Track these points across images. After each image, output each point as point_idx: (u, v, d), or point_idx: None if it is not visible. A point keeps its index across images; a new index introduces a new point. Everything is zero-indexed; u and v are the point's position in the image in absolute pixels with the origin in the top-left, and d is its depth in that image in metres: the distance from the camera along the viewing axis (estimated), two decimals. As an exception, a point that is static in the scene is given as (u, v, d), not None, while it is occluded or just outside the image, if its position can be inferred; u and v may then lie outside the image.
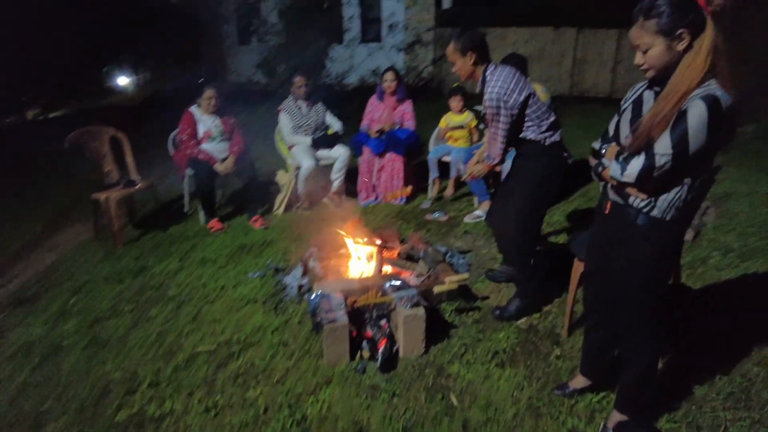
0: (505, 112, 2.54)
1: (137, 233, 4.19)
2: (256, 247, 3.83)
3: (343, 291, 2.68)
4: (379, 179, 4.74)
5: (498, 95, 2.49)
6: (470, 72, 2.62)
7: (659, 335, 1.87)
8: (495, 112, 2.54)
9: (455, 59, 2.61)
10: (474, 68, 2.60)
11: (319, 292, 2.65)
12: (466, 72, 2.63)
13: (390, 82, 4.68)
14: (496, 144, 2.65)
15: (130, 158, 4.28)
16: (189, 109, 4.28)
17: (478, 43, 2.57)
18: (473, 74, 2.63)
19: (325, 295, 2.63)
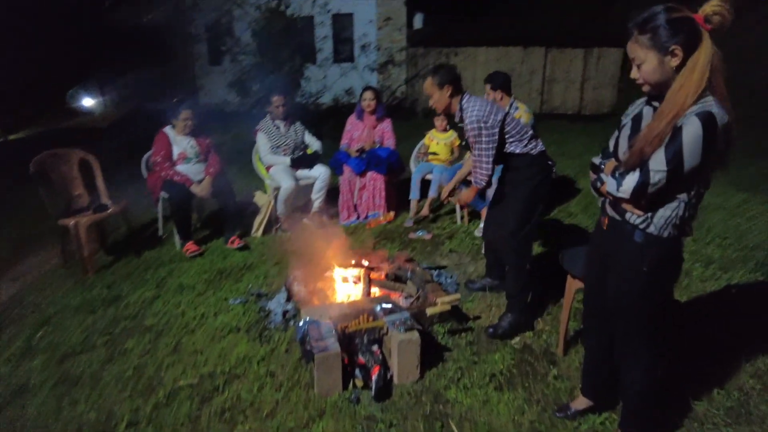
0: (486, 133, 2.65)
1: (109, 260, 3.98)
2: (235, 272, 3.68)
3: (332, 317, 2.57)
4: (360, 198, 4.67)
5: (478, 117, 2.64)
6: (447, 104, 2.78)
7: (658, 347, 1.84)
8: (477, 134, 2.66)
9: (433, 92, 2.77)
10: (450, 100, 2.76)
11: (307, 319, 2.53)
12: (443, 104, 2.78)
13: (369, 101, 4.65)
14: (481, 167, 2.72)
15: (101, 181, 4.08)
16: (163, 130, 4.13)
17: (453, 77, 2.74)
18: (450, 106, 2.79)
19: (314, 322, 2.52)
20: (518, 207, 2.77)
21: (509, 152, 2.76)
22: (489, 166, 2.70)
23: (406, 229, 4.51)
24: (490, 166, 2.70)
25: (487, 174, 2.71)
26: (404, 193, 4.87)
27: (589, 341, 2.10)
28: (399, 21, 11.57)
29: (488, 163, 2.70)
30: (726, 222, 4.31)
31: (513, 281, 2.84)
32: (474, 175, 2.76)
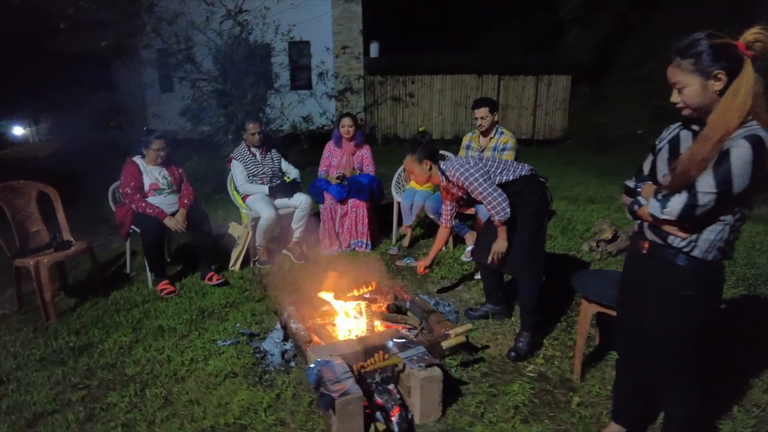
0: (477, 175, 2.75)
1: (72, 302, 3.61)
2: (218, 311, 3.42)
3: (343, 356, 2.40)
4: (342, 226, 4.53)
5: (465, 169, 2.78)
6: (428, 176, 3.02)
7: (699, 382, 1.82)
8: (471, 180, 2.75)
9: (413, 168, 3.01)
10: (430, 172, 3.00)
11: (318, 360, 2.35)
12: (424, 176, 3.02)
13: (348, 127, 4.57)
14: (497, 203, 2.73)
15: (62, 216, 3.73)
16: (132, 159, 3.85)
17: (429, 152, 3.00)
18: (431, 177, 3.03)
19: (326, 363, 2.34)
20: (528, 226, 2.82)
21: (504, 182, 2.82)
22: (501, 197, 2.72)
23: (392, 256, 4.40)
24: (503, 197, 2.72)
25: (506, 205, 2.72)
26: (385, 221, 4.79)
27: (623, 368, 2.06)
28: (356, 49, 11.67)
29: (499, 195, 2.72)
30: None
31: (527, 297, 2.83)
32: (494, 214, 2.74)
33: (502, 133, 4.05)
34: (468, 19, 14.34)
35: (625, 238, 4.29)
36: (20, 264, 3.33)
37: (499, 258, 2.86)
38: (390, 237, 4.80)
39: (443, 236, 3.27)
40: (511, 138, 4.02)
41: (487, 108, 3.99)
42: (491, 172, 2.78)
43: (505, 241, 2.83)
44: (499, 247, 2.84)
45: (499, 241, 2.84)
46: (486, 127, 4.02)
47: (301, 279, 3.90)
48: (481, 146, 4.13)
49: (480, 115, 4.00)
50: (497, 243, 2.85)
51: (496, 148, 4.03)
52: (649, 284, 1.77)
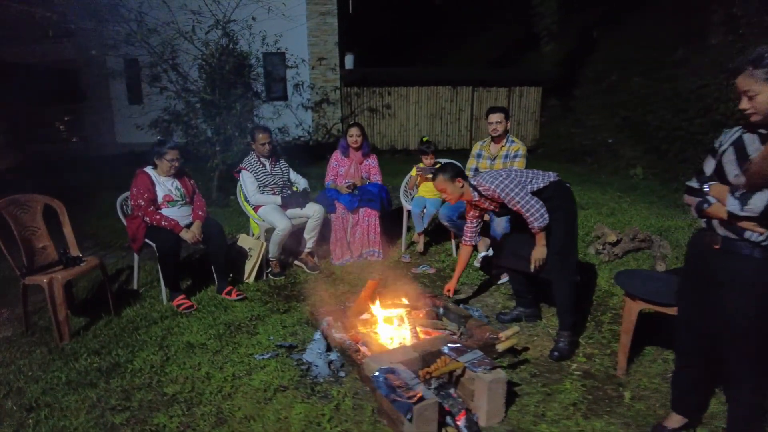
0: (514, 187, 2.82)
1: (82, 321, 3.41)
2: (245, 324, 3.32)
3: (402, 363, 2.39)
4: (353, 236, 4.50)
5: (500, 181, 2.85)
6: (461, 193, 3.05)
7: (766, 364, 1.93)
8: (511, 193, 2.81)
9: (446, 187, 3.03)
10: (462, 190, 3.04)
11: (382, 368, 2.33)
12: (457, 195, 3.05)
13: (356, 137, 4.58)
14: (534, 210, 2.80)
15: (69, 230, 3.53)
16: (144, 170, 3.71)
17: (459, 170, 3.08)
18: (463, 194, 3.06)
19: (390, 370, 2.32)
20: (560, 229, 2.89)
21: (536, 190, 2.90)
22: (539, 204, 2.80)
23: (405, 264, 4.41)
24: (540, 203, 2.80)
25: (544, 211, 2.79)
26: (393, 229, 4.81)
27: (684, 361, 2.15)
28: (332, 61, 11.69)
29: (537, 202, 2.80)
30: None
31: (564, 298, 2.90)
32: (534, 221, 2.80)
33: (513, 141, 4.17)
34: (438, 34, 14.66)
35: (627, 240, 4.49)
36: (31, 282, 3.13)
37: (540, 264, 2.92)
38: (398, 245, 4.81)
39: (467, 255, 3.33)
40: (521, 146, 4.13)
41: (502, 114, 4.11)
42: (524, 182, 2.86)
43: (544, 248, 2.89)
44: (540, 254, 2.89)
45: (539, 248, 2.90)
46: (500, 132, 4.13)
47: (322, 289, 3.85)
48: (492, 154, 4.23)
49: (495, 120, 4.10)
50: (537, 250, 2.90)
51: (508, 156, 4.14)
52: (724, 278, 1.86)
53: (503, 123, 4.10)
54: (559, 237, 2.88)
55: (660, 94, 9.92)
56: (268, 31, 8.42)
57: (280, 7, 7.98)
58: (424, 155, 4.58)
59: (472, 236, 3.26)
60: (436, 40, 14.39)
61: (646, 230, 4.70)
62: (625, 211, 5.66)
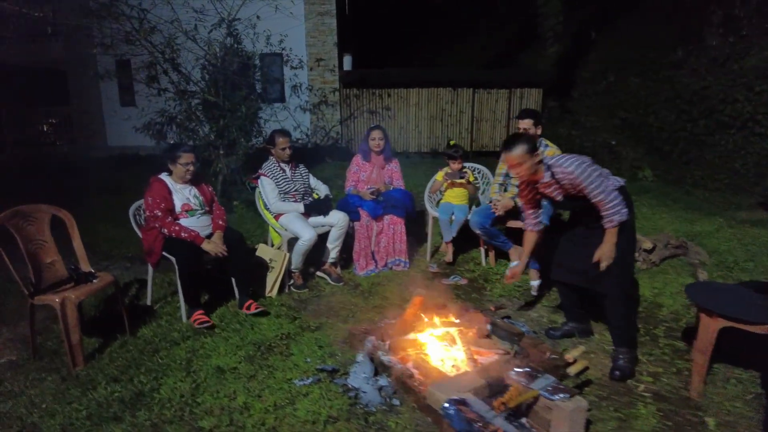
0: (593, 172, 2.58)
1: (94, 343, 3.11)
2: (276, 344, 3.06)
3: (474, 391, 2.17)
4: (377, 245, 4.26)
5: (579, 163, 2.58)
6: (535, 170, 2.71)
7: None
8: (589, 178, 2.55)
9: (523, 161, 2.66)
10: (538, 167, 2.71)
11: (451, 399, 2.10)
12: (530, 170, 2.70)
13: (378, 140, 4.35)
14: (611, 201, 2.56)
15: (79, 244, 3.24)
16: (159, 177, 3.43)
17: (534, 141, 2.71)
18: (537, 172, 2.73)
19: (460, 401, 2.09)
20: (625, 238, 2.66)
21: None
22: (619, 197, 2.57)
23: (434, 274, 4.19)
24: (619, 197, 2.57)
25: (623, 206, 2.57)
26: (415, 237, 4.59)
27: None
28: (330, 62, 11.44)
29: (617, 195, 2.57)
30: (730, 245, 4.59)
31: (620, 314, 2.71)
32: (612, 214, 2.56)
33: (548, 145, 3.98)
34: (433, 34, 14.51)
35: (662, 247, 4.33)
36: (41, 302, 2.82)
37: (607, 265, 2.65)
38: (420, 253, 4.59)
39: (533, 239, 3.06)
40: (557, 150, 3.94)
41: (531, 120, 3.92)
42: (604, 173, 2.63)
43: (614, 246, 2.62)
44: (609, 253, 2.61)
45: (609, 246, 2.61)
46: None
47: (352, 304, 3.62)
48: None
49: (523, 126, 3.93)
50: (607, 248, 2.61)
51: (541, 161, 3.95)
52: None
53: (532, 129, 3.92)
54: (621, 246, 2.66)
55: (661, 95, 9.86)
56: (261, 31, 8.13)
57: (288, 6, 7.68)
58: (452, 160, 4.36)
59: (536, 222, 3.02)
60: (432, 40, 14.24)
61: (677, 236, 4.56)
62: (648, 217, 5.52)
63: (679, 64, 9.84)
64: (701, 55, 9.77)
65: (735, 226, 5.15)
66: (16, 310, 3.63)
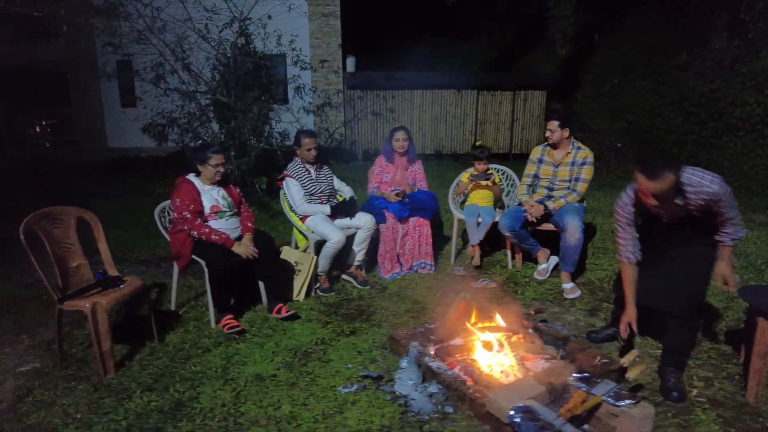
0: (729, 189, 2.28)
1: (121, 350, 3.00)
2: (313, 350, 2.97)
3: (536, 398, 2.09)
4: (403, 247, 4.19)
5: (719, 181, 2.24)
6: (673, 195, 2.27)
7: None
8: (727, 197, 2.27)
9: (665, 192, 2.19)
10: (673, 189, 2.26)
11: (517, 406, 2.02)
12: (666, 201, 2.27)
13: (402, 141, 4.29)
14: (739, 220, 2.41)
15: (105, 247, 3.13)
16: (187, 178, 3.33)
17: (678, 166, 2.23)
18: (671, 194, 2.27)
19: (526, 409, 2.02)
20: (709, 262, 2.50)
21: None
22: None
23: (461, 277, 4.12)
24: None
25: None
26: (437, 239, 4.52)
27: None
28: (334, 63, 11.36)
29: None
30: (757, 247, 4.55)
31: (684, 338, 2.57)
32: (736, 231, 2.41)
33: (580, 148, 3.94)
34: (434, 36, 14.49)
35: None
36: (71, 308, 2.71)
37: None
38: (443, 256, 4.52)
39: (634, 275, 2.57)
40: (589, 153, 3.90)
41: (557, 122, 3.89)
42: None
43: (730, 265, 2.50)
44: (728, 270, 2.48)
45: (726, 263, 2.48)
46: (554, 140, 3.92)
47: (383, 308, 3.54)
48: (556, 160, 3.99)
49: (550, 128, 3.91)
50: (725, 266, 2.48)
51: (575, 163, 3.91)
52: None
53: (558, 132, 3.89)
54: (705, 271, 2.49)
55: (667, 97, 9.89)
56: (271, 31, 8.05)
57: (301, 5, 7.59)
58: (478, 161, 4.30)
59: (635, 250, 2.53)
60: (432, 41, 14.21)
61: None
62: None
63: (684, 67, 9.87)
64: (706, 58, 9.82)
65: (755, 228, 5.12)
66: (34, 316, 3.52)
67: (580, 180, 3.86)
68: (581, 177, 3.85)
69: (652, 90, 10.34)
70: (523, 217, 3.90)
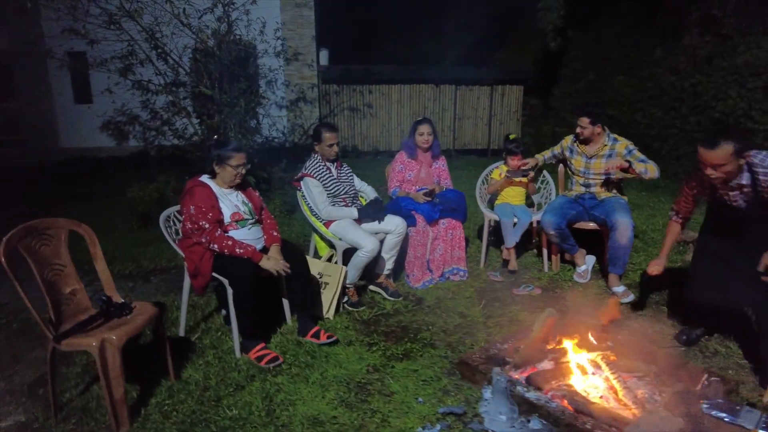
0: None
1: (130, 393, 2.44)
2: (369, 381, 2.52)
3: None
4: (433, 253, 3.79)
5: None
6: (734, 174, 2.31)
7: None
8: None
9: (728, 162, 2.25)
10: (739, 169, 2.32)
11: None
12: (731, 174, 2.30)
13: (427, 135, 3.88)
14: None
15: (104, 267, 2.55)
16: (201, 181, 2.79)
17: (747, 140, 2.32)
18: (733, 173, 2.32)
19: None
20: None
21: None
22: None
23: (500, 284, 3.77)
24: None
25: None
26: (468, 242, 4.15)
27: None
28: (308, 57, 10.79)
29: None
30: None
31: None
32: None
33: (616, 139, 3.66)
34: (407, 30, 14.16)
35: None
36: (71, 347, 2.15)
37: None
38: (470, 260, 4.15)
39: (675, 231, 2.86)
40: (628, 142, 3.62)
41: (588, 119, 3.61)
42: None
43: None
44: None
45: None
46: (585, 136, 3.64)
47: (429, 323, 3.13)
48: (589, 153, 3.70)
49: (580, 124, 3.66)
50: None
51: (611, 155, 3.62)
52: None
53: (589, 128, 3.60)
54: None
55: (646, 92, 9.98)
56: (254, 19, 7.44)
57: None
58: (512, 155, 3.96)
59: (687, 217, 2.80)
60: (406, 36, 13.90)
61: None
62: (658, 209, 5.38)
63: (659, 63, 10.00)
64: (680, 53, 9.98)
65: None
66: (5, 351, 2.89)
67: (646, 160, 3.50)
68: (642, 158, 3.50)
69: (631, 85, 10.42)
70: (569, 214, 3.60)
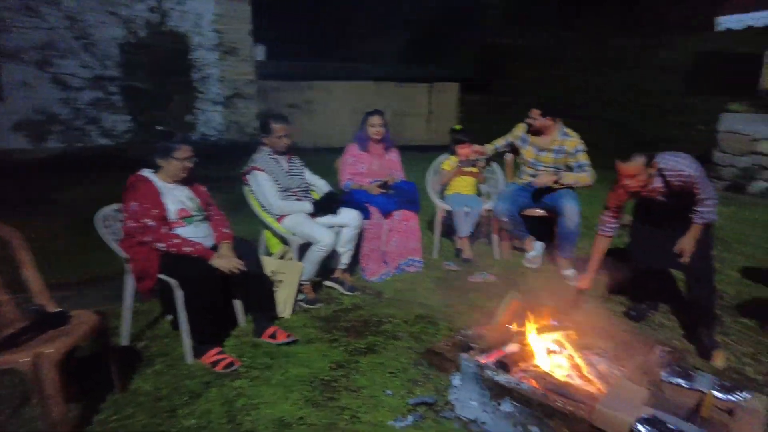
0: (701, 168, 2.51)
1: (77, 408, 2.21)
2: (335, 378, 2.43)
3: (652, 405, 1.81)
4: (388, 245, 3.74)
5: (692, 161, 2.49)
6: (648, 183, 2.53)
7: None
8: (702, 176, 2.49)
9: (639, 173, 2.47)
10: (651, 178, 2.54)
11: (643, 418, 1.72)
12: (642, 183, 2.51)
13: (379, 126, 3.83)
14: (714, 202, 2.57)
15: (34, 273, 2.29)
16: (142, 175, 2.58)
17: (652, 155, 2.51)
18: (647, 183, 2.54)
19: (653, 420, 1.72)
20: (710, 234, 2.71)
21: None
22: (715, 195, 2.57)
23: (455, 272, 3.79)
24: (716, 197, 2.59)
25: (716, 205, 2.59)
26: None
27: None
28: (244, 51, 10.39)
29: (715, 194, 2.57)
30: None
31: (710, 298, 2.70)
32: (709, 213, 2.56)
33: (567, 134, 3.78)
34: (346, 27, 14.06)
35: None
36: (8, 363, 1.90)
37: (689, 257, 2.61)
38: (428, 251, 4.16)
39: (605, 246, 2.81)
40: (578, 140, 3.75)
41: (539, 111, 3.73)
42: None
43: (695, 240, 2.59)
44: (690, 245, 2.59)
45: (692, 239, 2.59)
46: (536, 127, 3.75)
47: (389, 316, 3.09)
48: (541, 146, 3.81)
49: (532, 115, 3.77)
50: (689, 241, 2.59)
51: (561, 151, 3.75)
52: None
53: (540, 120, 3.73)
54: (710, 242, 2.70)
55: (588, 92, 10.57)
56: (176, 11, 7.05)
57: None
58: (460, 145, 4.00)
59: (614, 228, 2.78)
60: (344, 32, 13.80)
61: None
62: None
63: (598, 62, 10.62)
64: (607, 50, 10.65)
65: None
66: None
67: (584, 166, 3.67)
68: (583, 164, 3.67)
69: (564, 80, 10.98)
70: (521, 202, 3.69)
